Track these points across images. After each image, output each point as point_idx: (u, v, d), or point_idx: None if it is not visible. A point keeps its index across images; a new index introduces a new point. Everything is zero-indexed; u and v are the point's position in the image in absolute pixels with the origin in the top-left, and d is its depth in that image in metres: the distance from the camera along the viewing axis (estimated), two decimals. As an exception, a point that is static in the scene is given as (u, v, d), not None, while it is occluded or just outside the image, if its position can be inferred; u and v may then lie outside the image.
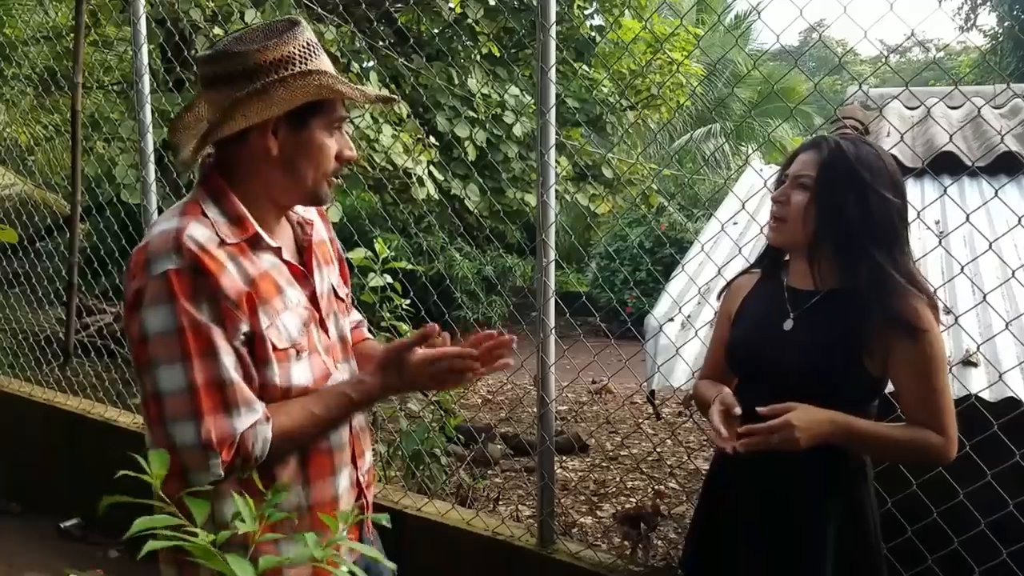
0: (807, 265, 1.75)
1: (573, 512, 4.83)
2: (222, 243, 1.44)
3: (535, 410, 2.86)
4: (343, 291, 1.73)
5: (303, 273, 1.58)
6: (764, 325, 1.81)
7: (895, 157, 3.56)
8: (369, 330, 1.98)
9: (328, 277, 1.66)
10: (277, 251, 1.54)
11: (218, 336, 1.40)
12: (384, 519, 1.35)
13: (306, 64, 1.47)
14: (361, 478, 1.69)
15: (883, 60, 2.62)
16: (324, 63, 1.50)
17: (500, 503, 4.83)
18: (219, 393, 1.40)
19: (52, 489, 4.15)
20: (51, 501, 4.13)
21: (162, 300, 1.38)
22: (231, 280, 1.42)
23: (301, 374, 1.52)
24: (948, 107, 4.48)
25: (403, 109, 5.79)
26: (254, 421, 1.43)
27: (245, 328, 1.43)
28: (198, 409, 1.38)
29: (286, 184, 1.52)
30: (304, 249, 1.62)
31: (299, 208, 1.65)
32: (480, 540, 2.89)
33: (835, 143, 1.71)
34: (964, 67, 17.72)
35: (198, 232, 1.42)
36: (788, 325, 1.76)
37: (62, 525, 4.02)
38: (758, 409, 1.60)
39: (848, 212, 1.66)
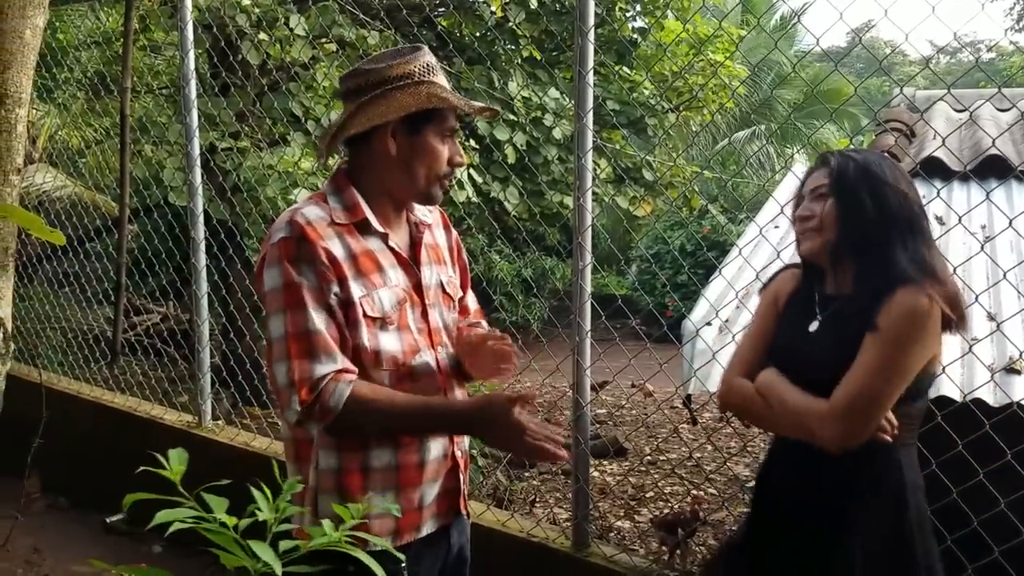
0: (832, 271, 1.81)
1: (611, 516, 4.82)
2: (332, 222, 1.70)
3: (571, 413, 2.85)
4: (453, 290, 1.93)
5: (407, 262, 1.80)
6: (795, 328, 1.85)
7: (940, 160, 3.53)
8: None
9: (438, 274, 1.88)
10: (384, 237, 1.76)
11: (309, 293, 1.64)
12: (395, 509, 1.60)
13: (423, 79, 1.72)
14: (457, 452, 1.85)
15: (929, 62, 2.58)
16: (439, 80, 1.75)
17: (537, 505, 4.84)
18: (304, 341, 1.64)
19: (99, 485, 4.24)
20: (98, 496, 4.22)
21: (273, 262, 1.68)
22: (329, 248, 1.66)
23: (389, 343, 1.73)
24: (997, 109, 4.38)
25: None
26: (334, 371, 1.63)
27: (337, 290, 1.66)
28: (289, 353, 1.64)
29: (402, 182, 1.76)
30: (415, 244, 1.84)
31: (420, 213, 1.88)
32: (514, 541, 2.90)
33: (840, 154, 1.79)
34: (1015, 68, 17.29)
35: (311, 212, 1.70)
36: (813, 327, 1.81)
37: (108, 520, 4.12)
38: None
39: (867, 210, 1.70)
